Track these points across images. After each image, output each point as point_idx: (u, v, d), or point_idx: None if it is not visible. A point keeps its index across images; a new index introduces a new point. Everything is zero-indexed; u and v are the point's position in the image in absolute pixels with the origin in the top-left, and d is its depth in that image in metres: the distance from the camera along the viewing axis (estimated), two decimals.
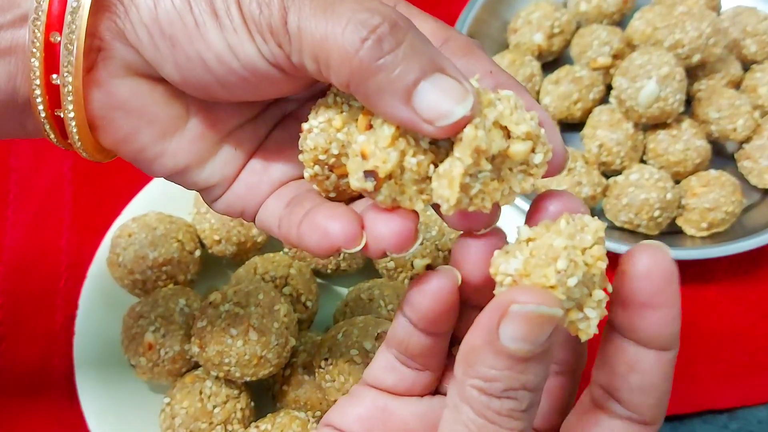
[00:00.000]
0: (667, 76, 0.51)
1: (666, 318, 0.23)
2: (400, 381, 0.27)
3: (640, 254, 0.23)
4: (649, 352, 0.24)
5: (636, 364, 0.24)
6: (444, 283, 0.25)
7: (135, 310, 0.46)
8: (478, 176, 0.23)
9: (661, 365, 0.24)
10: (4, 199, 0.58)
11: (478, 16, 0.61)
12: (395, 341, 0.27)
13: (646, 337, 0.23)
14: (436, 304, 0.25)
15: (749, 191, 0.55)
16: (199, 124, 0.28)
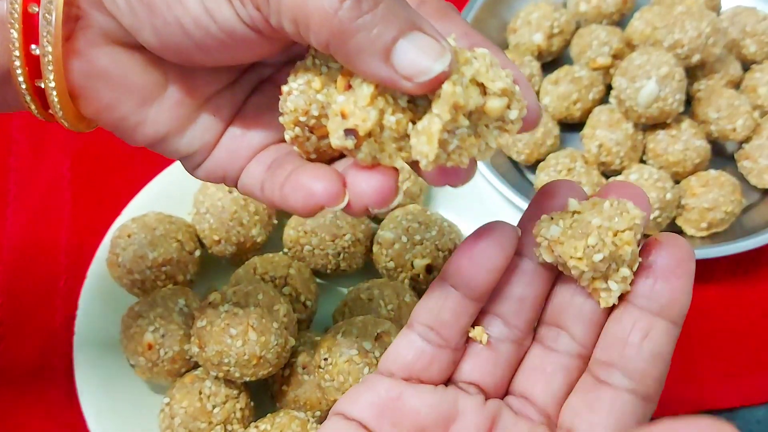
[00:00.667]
0: (667, 76, 0.51)
1: (683, 288, 0.26)
2: (420, 357, 0.28)
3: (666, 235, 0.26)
4: (663, 321, 0.26)
5: (651, 332, 0.26)
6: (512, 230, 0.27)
7: (134, 309, 0.46)
8: (456, 132, 0.24)
9: (669, 337, 0.26)
10: (4, 199, 0.58)
11: (477, 16, 0.61)
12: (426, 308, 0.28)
13: (662, 304, 0.26)
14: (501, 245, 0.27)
15: (749, 191, 0.55)
16: (177, 91, 0.28)
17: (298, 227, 0.49)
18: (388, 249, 0.49)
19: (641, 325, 0.26)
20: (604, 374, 0.26)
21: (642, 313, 0.26)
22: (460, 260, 0.27)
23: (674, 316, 0.26)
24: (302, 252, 0.50)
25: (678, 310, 0.26)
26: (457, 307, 0.27)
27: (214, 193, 0.50)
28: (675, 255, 0.26)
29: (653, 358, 0.26)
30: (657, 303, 0.26)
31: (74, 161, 0.59)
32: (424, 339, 0.28)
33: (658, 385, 0.26)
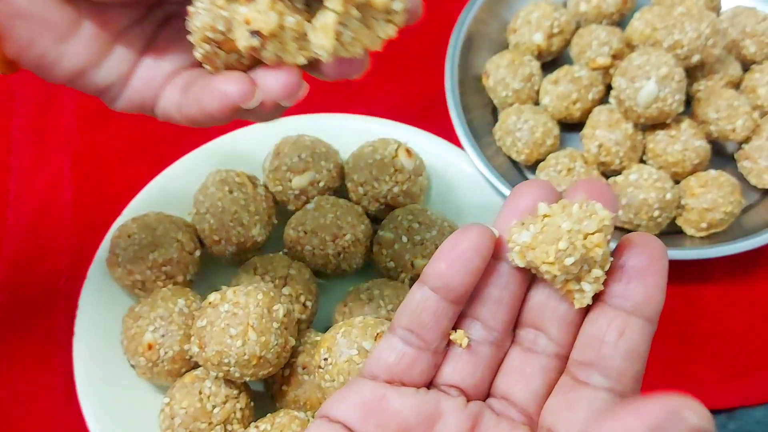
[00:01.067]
0: (666, 76, 0.51)
1: (656, 286, 0.26)
2: (401, 359, 0.28)
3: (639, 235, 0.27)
4: (637, 319, 0.26)
5: (626, 330, 0.26)
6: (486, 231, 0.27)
7: (134, 310, 0.46)
8: (348, 25, 0.28)
9: (645, 335, 0.26)
10: (4, 199, 0.58)
11: (477, 16, 0.61)
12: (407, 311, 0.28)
13: (637, 302, 0.26)
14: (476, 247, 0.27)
15: (749, 191, 0.55)
16: (91, 26, 0.31)
17: (298, 227, 0.50)
18: (388, 249, 0.49)
19: (616, 324, 0.26)
20: (583, 374, 0.26)
21: (617, 313, 0.26)
22: (438, 264, 0.27)
23: (649, 313, 0.26)
24: (302, 252, 0.50)
25: (652, 307, 0.26)
26: (437, 310, 0.27)
27: (214, 193, 0.50)
28: (647, 254, 0.26)
29: (629, 355, 0.26)
30: (631, 302, 0.26)
31: (74, 161, 0.59)
32: (405, 342, 0.28)
33: (635, 383, 0.26)
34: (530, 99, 0.58)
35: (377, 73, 0.64)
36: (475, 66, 0.60)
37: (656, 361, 0.51)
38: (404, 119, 0.56)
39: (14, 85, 0.63)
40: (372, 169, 0.51)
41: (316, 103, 0.60)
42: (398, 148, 0.52)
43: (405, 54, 0.65)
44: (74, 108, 0.62)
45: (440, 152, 0.55)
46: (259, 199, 0.50)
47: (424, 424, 0.27)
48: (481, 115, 0.59)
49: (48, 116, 0.61)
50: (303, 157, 0.51)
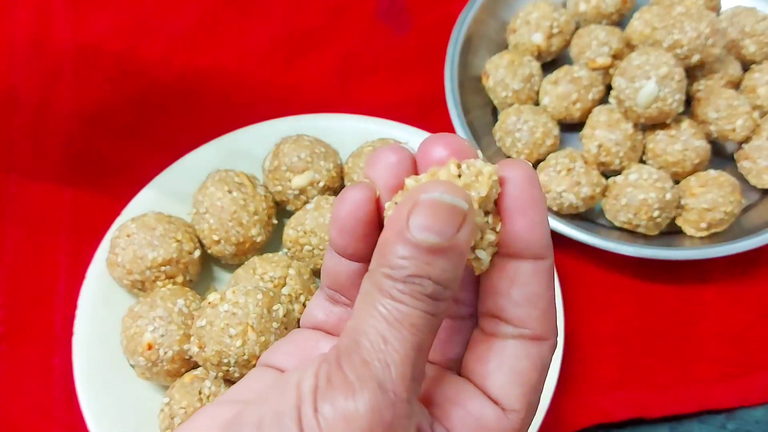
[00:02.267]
0: (666, 76, 0.51)
1: (533, 221, 0.24)
2: (328, 317, 0.28)
3: (503, 167, 0.25)
4: (525, 263, 0.25)
5: (515, 277, 0.25)
6: (360, 194, 0.25)
7: (134, 310, 0.46)
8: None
9: (538, 273, 0.25)
10: (4, 198, 0.58)
11: (477, 17, 0.61)
12: (325, 273, 0.28)
13: (519, 245, 0.24)
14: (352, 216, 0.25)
15: (748, 191, 0.55)
16: None
17: (298, 227, 0.50)
18: None
19: (504, 275, 0.25)
20: (489, 326, 0.26)
21: (503, 261, 0.25)
22: (331, 231, 0.27)
23: (537, 251, 0.24)
24: (302, 252, 0.50)
25: (538, 243, 0.24)
26: (349, 271, 0.27)
27: (214, 193, 0.50)
28: (516, 190, 0.24)
29: (527, 301, 0.25)
30: (513, 247, 0.24)
31: (74, 161, 0.59)
32: (331, 301, 0.28)
33: (545, 323, 0.25)
34: (530, 99, 0.58)
35: (376, 73, 0.64)
36: (475, 66, 0.60)
37: (656, 361, 0.51)
38: (404, 119, 0.56)
39: (13, 85, 0.63)
40: None
41: (316, 103, 0.60)
42: None
43: (405, 54, 0.65)
44: (74, 108, 0.62)
45: None
46: (258, 199, 0.50)
47: None
48: (481, 115, 0.59)
49: (48, 116, 0.62)
50: (303, 157, 0.51)
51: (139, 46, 0.65)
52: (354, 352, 0.22)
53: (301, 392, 0.22)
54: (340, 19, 0.67)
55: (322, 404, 0.21)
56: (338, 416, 0.21)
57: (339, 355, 0.22)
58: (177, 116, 0.62)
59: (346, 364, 0.22)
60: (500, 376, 0.25)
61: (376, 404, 0.21)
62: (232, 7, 0.67)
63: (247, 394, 0.26)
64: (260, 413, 0.22)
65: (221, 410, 0.25)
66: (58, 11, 0.67)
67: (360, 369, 0.22)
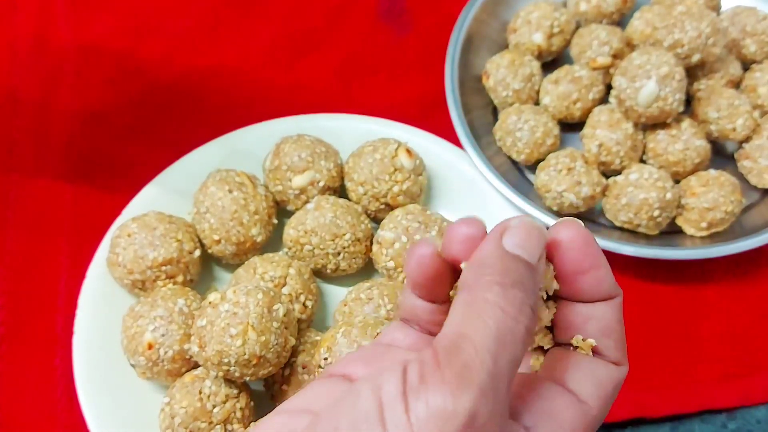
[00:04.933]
0: (667, 75, 0.51)
1: (598, 276, 0.26)
2: (407, 337, 0.29)
3: (558, 231, 0.26)
4: (597, 304, 0.26)
5: (590, 316, 0.26)
6: (425, 250, 0.27)
7: (134, 309, 0.46)
8: None
9: (612, 310, 0.26)
10: (4, 199, 0.58)
11: (477, 17, 0.61)
12: (403, 308, 0.29)
13: (589, 296, 0.26)
14: (420, 268, 0.27)
15: (749, 191, 0.55)
16: None
17: (298, 227, 0.50)
18: (388, 249, 0.49)
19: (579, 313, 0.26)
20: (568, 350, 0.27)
21: (576, 306, 0.27)
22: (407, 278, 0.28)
23: (605, 294, 0.26)
24: (302, 252, 0.50)
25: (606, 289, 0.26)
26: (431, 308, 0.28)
27: (215, 192, 0.50)
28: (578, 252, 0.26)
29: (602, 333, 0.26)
30: (584, 297, 0.26)
31: (75, 161, 0.59)
32: (408, 326, 0.29)
33: (621, 349, 0.27)
34: (530, 99, 0.58)
35: (377, 73, 0.64)
36: (475, 66, 0.60)
37: (657, 361, 0.51)
38: (404, 119, 0.56)
39: (14, 85, 0.63)
40: (372, 169, 0.51)
41: (316, 103, 0.60)
42: (398, 147, 0.52)
43: (405, 54, 0.65)
44: (75, 108, 0.62)
45: (440, 152, 0.55)
46: (259, 198, 0.50)
47: None
48: (481, 115, 0.59)
49: (49, 116, 0.62)
50: (303, 157, 0.51)
51: (140, 47, 0.65)
52: (455, 354, 0.22)
53: (384, 393, 0.22)
54: (341, 20, 0.67)
55: (416, 402, 0.21)
56: (434, 414, 0.21)
57: (437, 355, 0.22)
58: (178, 116, 0.62)
59: (446, 364, 0.22)
60: (581, 375, 0.26)
61: (476, 408, 0.21)
62: (233, 7, 0.67)
63: (312, 401, 0.26)
64: (335, 422, 0.22)
65: (281, 419, 0.25)
66: (59, 12, 0.67)
67: (462, 371, 0.22)
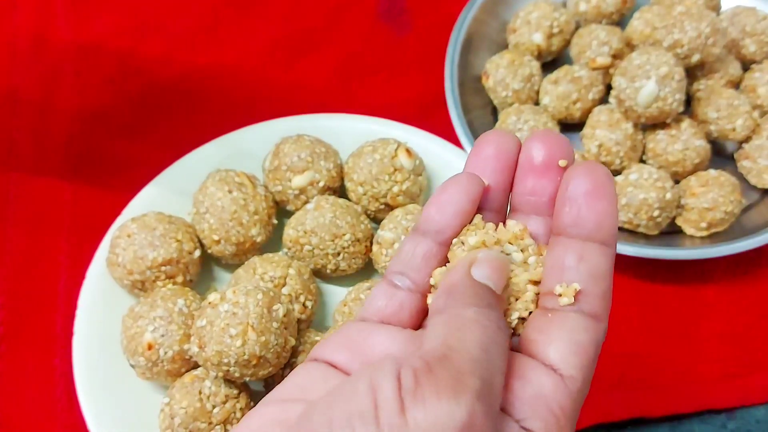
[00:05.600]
0: (666, 76, 0.51)
1: (607, 209, 0.27)
2: (390, 300, 0.29)
3: (583, 163, 0.27)
4: (593, 244, 0.27)
5: (584, 254, 0.27)
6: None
7: (134, 310, 0.46)
8: None
9: (604, 257, 0.27)
10: (4, 198, 0.58)
11: (477, 17, 0.61)
12: (398, 258, 0.29)
13: (591, 225, 0.27)
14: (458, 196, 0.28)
15: (749, 191, 0.55)
16: None
17: (298, 227, 0.50)
18: (388, 249, 0.49)
19: (573, 249, 0.27)
20: (550, 303, 0.27)
21: (572, 241, 0.27)
22: (428, 209, 0.29)
23: (604, 237, 0.27)
24: (302, 252, 0.50)
25: (606, 230, 0.27)
26: (428, 252, 0.29)
27: (214, 193, 0.50)
28: (593, 180, 0.27)
29: (592, 277, 0.26)
30: (585, 229, 0.26)
31: (75, 161, 0.59)
32: (394, 286, 0.29)
33: (603, 303, 0.27)
34: (530, 99, 0.58)
35: (377, 73, 0.64)
36: (475, 66, 0.60)
37: (657, 361, 0.51)
38: (404, 119, 0.56)
39: (14, 85, 0.63)
40: (372, 169, 0.51)
41: (316, 103, 0.60)
42: (398, 148, 0.52)
43: (405, 54, 0.65)
44: (75, 108, 0.62)
45: (440, 152, 0.55)
46: (258, 199, 0.50)
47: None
48: (481, 115, 0.59)
49: (49, 116, 0.62)
50: (303, 157, 0.51)
51: (139, 46, 0.65)
52: (447, 361, 0.23)
53: (380, 393, 0.22)
54: (341, 20, 0.67)
55: (413, 406, 0.22)
56: (431, 419, 0.22)
57: (428, 361, 0.23)
58: (177, 116, 0.62)
59: (439, 370, 0.22)
60: (561, 344, 0.26)
61: (473, 413, 0.22)
62: (233, 7, 0.67)
63: (295, 391, 0.27)
64: (329, 415, 0.22)
65: (272, 410, 0.26)
66: (59, 11, 0.67)
67: (456, 377, 0.22)
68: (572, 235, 0.27)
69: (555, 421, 0.25)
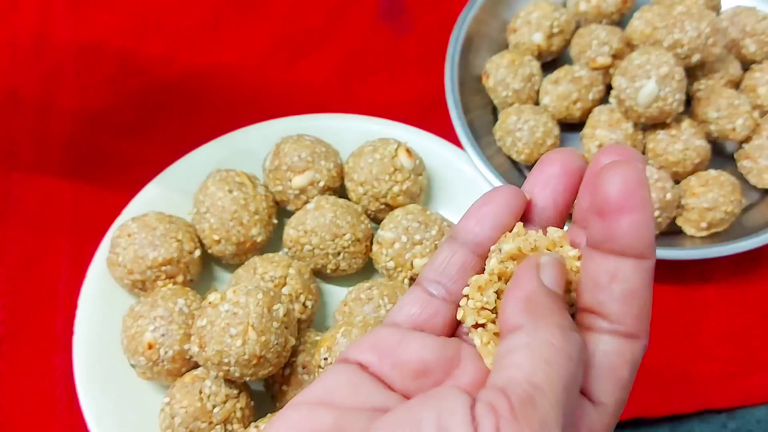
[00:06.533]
0: (667, 75, 0.51)
1: (641, 221, 0.24)
2: (424, 308, 0.28)
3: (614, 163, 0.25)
4: (627, 260, 0.25)
5: (617, 272, 0.25)
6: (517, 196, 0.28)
7: (134, 309, 0.46)
8: None
9: (640, 272, 0.25)
10: (4, 199, 0.58)
11: (477, 17, 0.61)
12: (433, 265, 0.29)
13: (623, 243, 0.25)
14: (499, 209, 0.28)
15: (749, 191, 0.55)
16: None
17: (298, 227, 0.50)
18: (388, 249, 0.49)
19: (606, 268, 0.25)
20: (586, 320, 0.26)
21: (605, 257, 0.25)
22: (468, 220, 0.28)
23: (640, 250, 0.25)
24: (302, 252, 0.50)
25: (642, 242, 0.25)
26: (464, 262, 0.28)
27: (215, 192, 0.50)
28: (625, 188, 0.24)
29: (625, 297, 0.25)
30: (618, 244, 0.25)
31: (75, 161, 0.59)
32: (429, 294, 0.28)
33: (640, 322, 0.26)
34: (530, 99, 0.58)
35: (377, 73, 0.64)
36: (475, 66, 0.60)
37: (657, 361, 0.51)
38: (404, 119, 0.56)
39: (14, 85, 0.63)
40: (372, 169, 0.51)
41: (316, 103, 0.60)
42: (398, 147, 0.52)
43: (406, 54, 0.65)
44: (75, 108, 0.62)
45: (440, 152, 0.55)
46: (259, 198, 0.50)
47: (442, 368, 0.27)
48: (482, 114, 0.59)
49: (49, 116, 0.62)
50: (303, 157, 0.51)
51: (140, 46, 0.65)
52: (531, 408, 0.22)
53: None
54: (341, 20, 0.67)
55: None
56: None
57: (513, 408, 0.22)
58: (178, 116, 0.62)
59: (524, 419, 0.21)
60: (593, 370, 0.25)
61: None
62: (234, 6, 0.67)
63: (323, 394, 0.26)
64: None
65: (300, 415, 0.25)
66: (59, 11, 0.67)
67: (540, 429, 0.21)
68: (605, 250, 0.25)
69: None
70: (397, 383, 0.27)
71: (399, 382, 0.27)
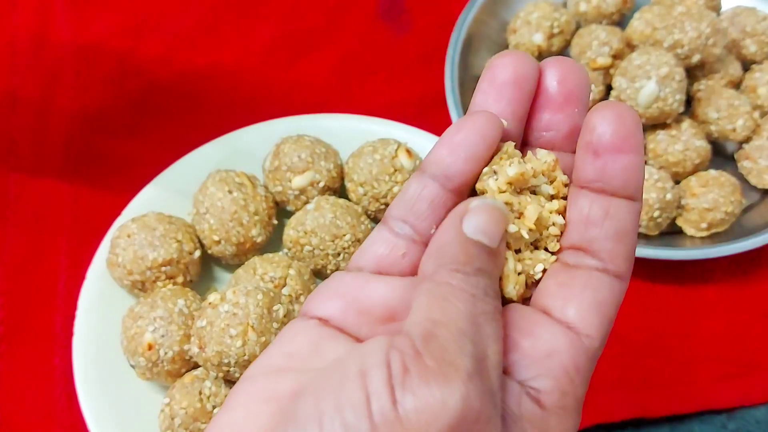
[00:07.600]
0: (667, 76, 0.51)
1: (636, 163, 0.24)
2: (391, 250, 0.27)
3: (611, 105, 0.25)
4: (620, 199, 0.25)
5: (610, 210, 0.25)
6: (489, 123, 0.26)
7: (134, 310, 0.46)
8: None
9: (630, 213, 0.25)
10: (4, 198, 0.58)
11: (477, 17, 0.61)
12: (402, 202, 0.27)
13: (616, 183, 0.25)
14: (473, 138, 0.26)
15: (749, 191, 0.55)
16: None
17: (298, 227, 0.50)
18: None
19: (599, 204, 0.25)
20: (573, 258, 0.25)
21: (597, 195, 0.25)
22: (439, 150, 0.26)
23: (631, 191, 0.25)
24: (302, 252, 0.50)
25: (633, 185, 0.25)
26: (435, 198, 0.26)
27: (214, 193, 0.50)
28: (621, 129, 0.24)
29: (618, 235, 0.25)
30: (610, 185, 0.25)
31: (75, 161, 0.59)
32: (396, 233, 0.26)
33: (627, 263, 0.25)
34: None
35: (377, 73, 0.64)
36: (475, 66, 0.60)
37: (657, 361, 0.51)
38: (404, 119, 0.56)
39: (14, 85, 0.63)
40: (372, 169, 0.51)
41: (316, 102, 0.60)
42: (398, 148, 0.52)
43: (405, 54, 0.65)
44: (75, 108, 0.62)
45: None
46: (259, 199, 0.50)
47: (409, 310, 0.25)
48: None
49: (49, 116, 0.61)
50: (303, 157, 0.51)
51: (139, 46, 0.65)
52: (432, 340, 0.21)
53: (370, 381, 0.21)
54: (341, 20, 0.67)
55: (403, 395, 0.20)
56: (424, 408, 0.20)
57: (414, 344, 0.21)
58: (177, 116, 0.62)
59: (426, 352, 0.21)
60: (584, 303, 0.24)
61: (467, 396, 0.20)
62: (233, 7, 0.67)
63: (282, 360, 0.25)
64: (320, 408, 0.21)
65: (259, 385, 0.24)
66: (59, 11, 0.67)
67: (445, 359, 0.21)
68: (596, 190, 0.25)
69: (568, 380, 0.23)
70: (363, 331, 0.25)
71: (365, 329, 0.25)
